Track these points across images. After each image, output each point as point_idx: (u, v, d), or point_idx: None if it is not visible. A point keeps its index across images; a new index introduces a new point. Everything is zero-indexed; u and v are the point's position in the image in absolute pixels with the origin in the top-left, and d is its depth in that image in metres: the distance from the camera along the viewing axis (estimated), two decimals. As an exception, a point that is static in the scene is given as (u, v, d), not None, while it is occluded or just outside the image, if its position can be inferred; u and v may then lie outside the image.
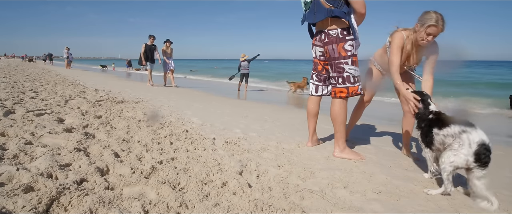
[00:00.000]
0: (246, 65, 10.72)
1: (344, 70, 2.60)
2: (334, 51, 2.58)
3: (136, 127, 3.24)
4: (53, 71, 15.02)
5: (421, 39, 2.44)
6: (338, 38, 2.54)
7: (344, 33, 2.54)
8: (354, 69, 2.60)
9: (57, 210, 1.37)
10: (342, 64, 2.59)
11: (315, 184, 2.03)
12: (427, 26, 2.37)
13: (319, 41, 2.68)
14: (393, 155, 2.92)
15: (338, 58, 2.58)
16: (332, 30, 2.56)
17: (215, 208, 1.51)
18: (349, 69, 2.59)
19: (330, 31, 2.56)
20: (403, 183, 2.14)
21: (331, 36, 2.56)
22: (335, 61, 2.61)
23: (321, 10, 2.54)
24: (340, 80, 2.63)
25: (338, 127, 2.67)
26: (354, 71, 2.61)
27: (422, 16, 2.41)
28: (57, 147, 2.26)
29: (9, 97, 4.48)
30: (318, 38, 2.68)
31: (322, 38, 2.63)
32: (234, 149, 2.76)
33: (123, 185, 1.70)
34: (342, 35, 2.54)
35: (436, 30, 2.36)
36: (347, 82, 2.61)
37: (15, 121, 2.98)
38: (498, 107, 7.43)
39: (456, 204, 1.85)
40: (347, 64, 2.58)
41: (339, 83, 2.64)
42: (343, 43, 2.54)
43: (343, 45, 2.54)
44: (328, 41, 2.59)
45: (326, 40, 2.60)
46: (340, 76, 2.62)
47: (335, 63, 2.62)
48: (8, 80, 7.78)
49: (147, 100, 5.86)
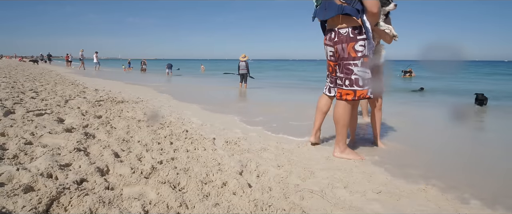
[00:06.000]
0: (243, 66, 10.72)
1: (352, 72, 2.48)
2: (344, 51, 2.47)
3: (136, 127, 3.24)
4: (53, 71, 15.01)
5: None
6: (349, 37, 2.43)
7: (355, 32, 2.42)
8: (363, 72, 2.47)
9: (57, 210, 1.38)
10: (350, 66, 2.47)
11: (315, 184, 2.03)
12: None
13: (329, 41, 2.58)
14: (393, 155, 2.92)
15: (347, 59, 2.48)
16: (343, 29, 2.44)
17: (215, 208, 1.51)
18: (358, 71, 2.46)
19: (341, 30, 2.45)
20: (403, 183, 2.14)
21: (342, 35, 2.45)
22: (344, 61, 2.50)
23: (332, 6, 2.42)
24: (347, 82, 2.52)
25: (340, 129, 2.63)
26: (364, 73, 2.47)
27: None
28: (57, 147, 2.26)
29: (9, 97, 4.48)
30: (328, 37, 2.57)
31: (332, 37, 2.52)
32: (234, 149, 2.76)
33: (123, 185, 1.70)
34: (353, 34, 2.42)
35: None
36: (355, 85, 2.50)
37: (15, 121, 2.98)
38: None
39: (456, 203, 1.85)
40: (357, 66, 2.46)
41: (346, 86, 2.53)
42: (353, 43, 2.43)
43: (353, 45, 2.43)
44: (338, 40, 2.48)
45: (336, 39, 2.49)
46: (348, 78, 2.51)
47: (343, 64, 2.51)
48: (8, 80, 7.78)
49: (147, 100, 5.86)
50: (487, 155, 3.27)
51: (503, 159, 3.00)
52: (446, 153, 3.04)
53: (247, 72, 10.86)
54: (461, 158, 3.00)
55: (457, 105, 6.76)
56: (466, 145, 3.57)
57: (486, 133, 4.43)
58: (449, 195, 1.96)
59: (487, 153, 3.36)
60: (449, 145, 3.50)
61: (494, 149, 3.55)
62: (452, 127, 4.08)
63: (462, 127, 3.92)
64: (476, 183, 2.23)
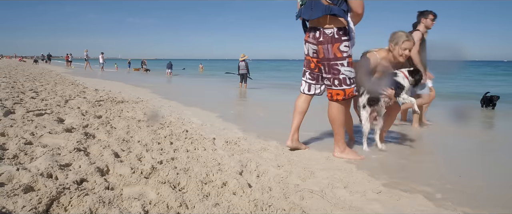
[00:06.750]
0: (243, 66, 10.73)
1: (339, 72, 2.51)
2: (329, 52, 2.50)
3: (136, 127, 3.24)
4: (53, 71, 15.02)
5: (400, 55, 2.77)
6: (334, 38, 2.45)
7: (340, 33, 2.45)
8: (350, 71, 2.53)
9: (57, 210, 1.38)
10: (338, 66, 2.51)
11: (315, 184, 2.02)
12: (402, 42, 2.73)
13: (312, 39, 2.58)
14: (393, 155, 2.92)
15: (334, 59, 2.50)
16: (328, 29, 2.46)
17: (215, 208, 1.51)
18: (345, 71, 2.51)
19: (326, 30, 2.47)
20: (403, 183, 2.14)
21: (327, 35, 2.47)
22: (330, 62, 2.52)
23: (319, 6, 2.43)
24: (336, 82, 2.55)
25: (337, 129, 2.64)
26: (350, 72, 2.54)
27: (393, 36, 2.80)
28: (57, 147, 2.26)
29: (9, 97, 4.48)
30: (312, 35, 2.57)
31: (317, 37, 2.53)
32: (234, 149, 2.76)
33: (123, 185, 1.70)
34: (338, 35, 2.45)
35: (410, 44, 2.75)
36: (343, 85, 2.54)
37: (15, 121, 2.98)
38: None
39: (457, 203, 1.85)
40: (343, 65, 2.50)
41: (335, 85, 2.56)
42: (338, 43, 2.46)
43: (338, 46, 2.46)
44: (323, 41, 2.49)
45: (321, 39, 2.50)
46: (336, 78, 2.54)
47: (330, 65, 2.53)
48: (8, 80, 7.78)
49: (147, 100, 5.86)
50: (488, 155, 3.26)
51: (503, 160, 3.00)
52: (446, 153, 3.03)
53: (247, 72, 10.87)
54: (461, 158, 3.00)
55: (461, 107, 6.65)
56: (466, 146, 3.57)
57: (492, 134, 4.43)
58: (449, 195, 1.96)
59: (489, 154, 3.36)
60: (449, 146, 3.50)
61: (496, 150, 3.55)
62: (455, 127, 4.08)
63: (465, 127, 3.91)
64: (476, 183, 2.23)
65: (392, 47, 2.79)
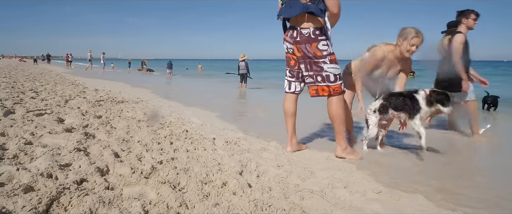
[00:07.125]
0: (243, 66, 10.73)
1: (322, 69, 2.53)
2: (309, 51, 2.51)
3: (136, 127, 3.24)
4: (53, 71, 15.02)
5: (406, 51, 2.77)
6: (310, 38, 2.47)
7: (317, 33, 2.46)
8: (334, 68, 2.53)
9: (57, 210, 1.37)
10: (320, 64, 2.52)
11: (315, 184, 2.02)
12: (411, 38, 2.73)
13: (290, 38, 2.60)
14: (393, 155, 2.92)
15: (315, 58, 2.52)
16: (305, 29, 2.48)
17: (215, 208, 1.51)
18: (328, 68, 2.52)
19: (303, 30, 2.48)
20: (403, 183, 2.14)
21: (303, 35, 2.48)
22: (313, 60, 2.53)
23: (297, 5, 2.44)
24: (319, 78, 2.57)
25: (338, 127, 2.63)
26: (334, 69, 2.54)
27: (402, 32, 2.79)
28: (57, 147, 2.25)
29: (9, 97, 4.48)
30: (290, 34, 2.59)
31: (294, 36, 2.54)
32: (234, 149, 2.76)
33: (123, 185, 1.70)
34: (314, 35, 2.46)
35: (418, 40, 2.74)
36: (327, 81, 2.55)
37: (15, 121, 2.98)
38: None
39: (457, 203, 1.85)
40: (326, 63, 2.51)
41: (319, 82, 2.58)
42: (316, 43, 2.47)
43: (316, 45, 2.48)
44: (300, 40, 2.51)
45: (297, 39, 2.52)
46: (319, 75, 2.55)
47: (311, 62, 2.54)
48: (8, 80, 7.78)
49: (147, 100, 5.86)
50: (488, 155, 3.27)
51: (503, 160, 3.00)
52: (446, 154, 3.03)
53: (247, 72, 10.87)
54: (461, 159, 3.00)
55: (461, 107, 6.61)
56: (466, 146, 3.57)
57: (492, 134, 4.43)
58: (448, 196, 1.96)
59: (489, 154, 3.37)
60: (450, 147, 3.49)
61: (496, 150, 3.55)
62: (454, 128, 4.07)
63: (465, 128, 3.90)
64: (476, 183, 2.23)
65: (400, 42, 2.78)
